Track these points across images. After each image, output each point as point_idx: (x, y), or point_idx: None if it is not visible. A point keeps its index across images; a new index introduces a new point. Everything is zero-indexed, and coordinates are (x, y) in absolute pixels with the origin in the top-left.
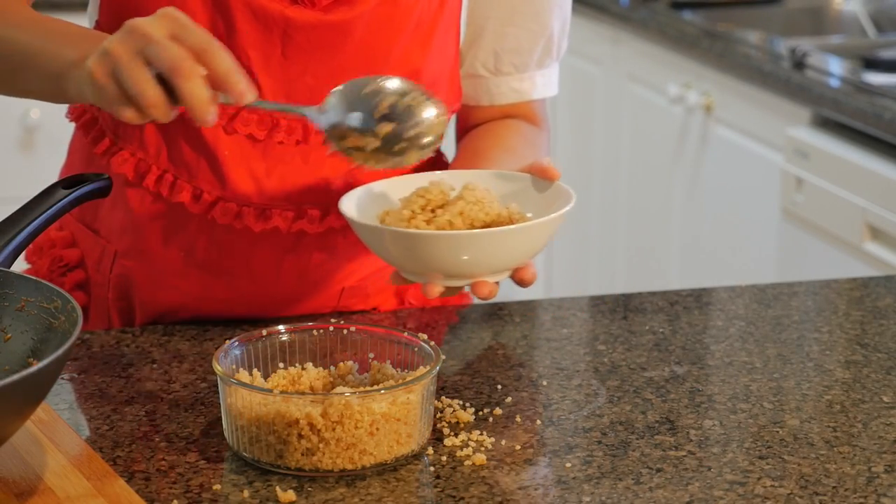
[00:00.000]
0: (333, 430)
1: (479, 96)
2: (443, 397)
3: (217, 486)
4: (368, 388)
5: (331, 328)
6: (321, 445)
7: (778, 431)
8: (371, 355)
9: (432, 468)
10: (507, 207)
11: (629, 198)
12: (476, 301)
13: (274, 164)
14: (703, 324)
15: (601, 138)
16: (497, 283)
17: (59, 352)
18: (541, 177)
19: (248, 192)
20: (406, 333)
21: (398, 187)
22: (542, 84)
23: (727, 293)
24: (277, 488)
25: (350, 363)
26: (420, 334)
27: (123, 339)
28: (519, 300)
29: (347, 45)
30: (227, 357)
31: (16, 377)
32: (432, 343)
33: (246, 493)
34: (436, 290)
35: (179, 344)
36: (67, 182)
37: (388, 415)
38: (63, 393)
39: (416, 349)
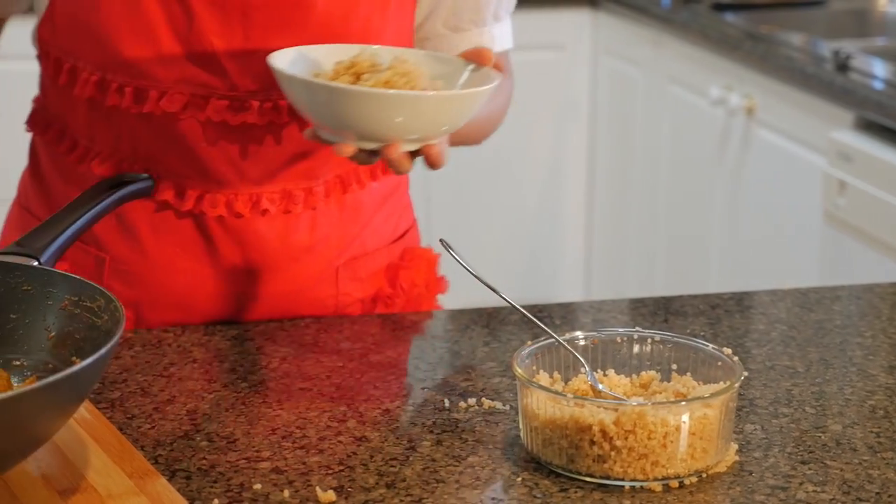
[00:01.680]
0: (626, 438)
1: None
2: (483, 399)
3: (257, 486)
4: (664, 400)
5: (635, 336)
6: (612, 453)
7: (820, 436)
8: (673, 366)
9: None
10: (434, 83)
11: (669, 200)
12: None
13: (250, 148)
14: (745, 327)
15: (642, 140)
16: (410, 156)
17: (103, 350)
18: (474, 60)
19: (231, 179)
20: (710, 347)
21: (331, 53)
22: (500, 36)
23: (769, 297)
24: (318, 488)
25: (653, 373)
26: (724, 349)
27: (165, 339)
28: (559, 302)
29: (308, 20)
30: (528, 359)
31: (59, 375)
32: (736, 358)
33: (286, 493)
34: (348, 149)
35: (220, 343)
36: (110, 182)
37: (683, 428)
38: (105, 391)
39: (718, 363)
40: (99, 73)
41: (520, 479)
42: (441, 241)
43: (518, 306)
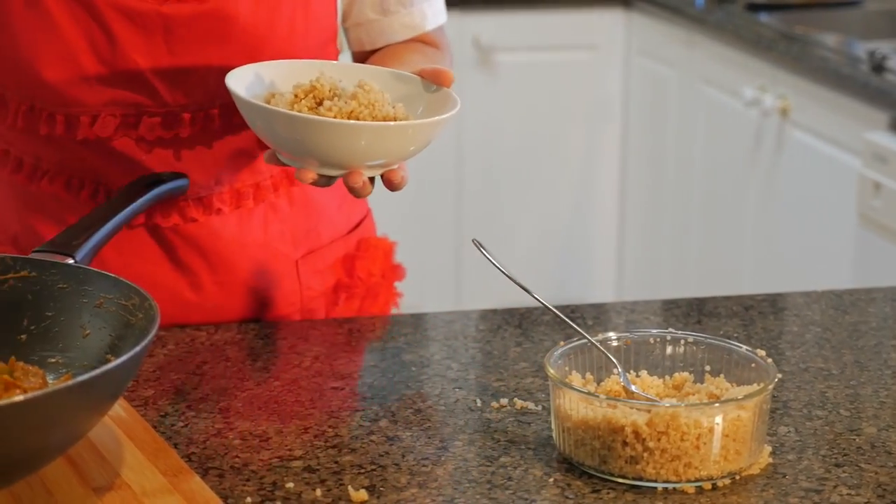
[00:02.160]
0: (658, 440)
1: (375, 39)
2: (515, 399)
3: (290, 485)
4: (698, 402)
5: (668, 337)
6: (645, 454)
7: (855, 439)
8: (707, 368)
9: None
10: (394, 107)
11: (702, 201)
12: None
13: (189, 156)
14: (779, 329)
15: (675, 141)
16: (370, 180)
17: (137, 348)
18: (433, 81)
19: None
20: (744, 348)
21: (287, 73)
22: (432, 14)
23: (803, 298)
24: (350, 487)
25: (686, 374)
26: (758, 350)
27: (198, 337)
28: (591, 303)
29: (232, 31)
30: (560, 359)
31: (94, 373)
32: (770, 360)
33: (318, 492)
34: (309, 175)
35: (253, 342)
36: (146, 180)
37: (716, 429)
38: (139, 389)
39: (752, 365)
40: (27, 102)
41: (552, 479)
42: (474, 241)
43: (551, 306)
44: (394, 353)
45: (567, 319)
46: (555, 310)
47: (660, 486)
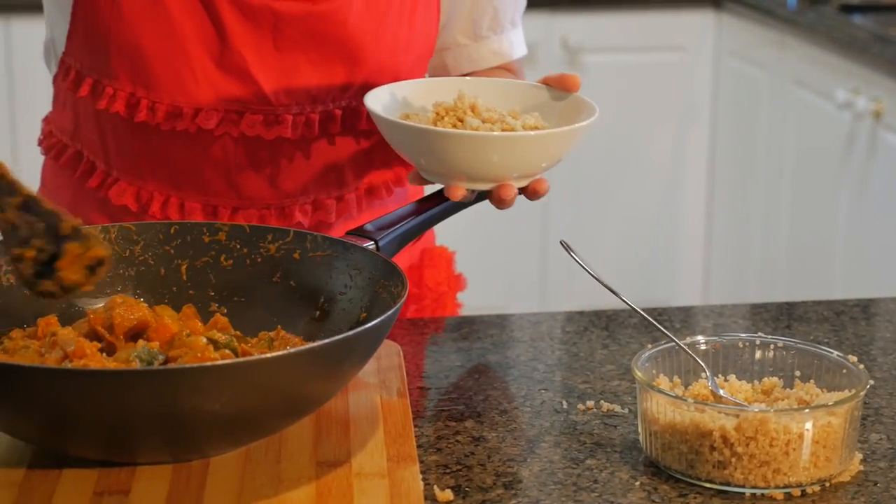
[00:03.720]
0: (747, 445)
1: (461, 64)
2: (601, 401)
3: None
4: (787, 407)
5: (757, 341)
6: (733, 460)
7: None
8: (797, 373)
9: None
10: (534, 116)
11: (792, 204)
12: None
13: (282, 162)
14: (870, 335)
15: (765, 144)
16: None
17: (389, 312)
18: (560, 87)
19: (264, 194)
20: (835, 354)
21: (423, 92)
22: (517, 43)
23: (895, 304)
24: (435, 487)
25: (775, 379)
26: (849, 356)
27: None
28: (679, 306)
29: (340, 34)
30: (647, 362)
31: (327, 341)
32: (861, 366)
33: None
34: (459, 192)
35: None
36: (438, 194)
37: (806, 436)
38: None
39: (843, 370)
40: (127, 90)
41: (638, 483)
42: (562, 242)
43: (638, 309)
44: (480, 353)
45: (655, 322)
46: (642, 312)
47: (748, 491)
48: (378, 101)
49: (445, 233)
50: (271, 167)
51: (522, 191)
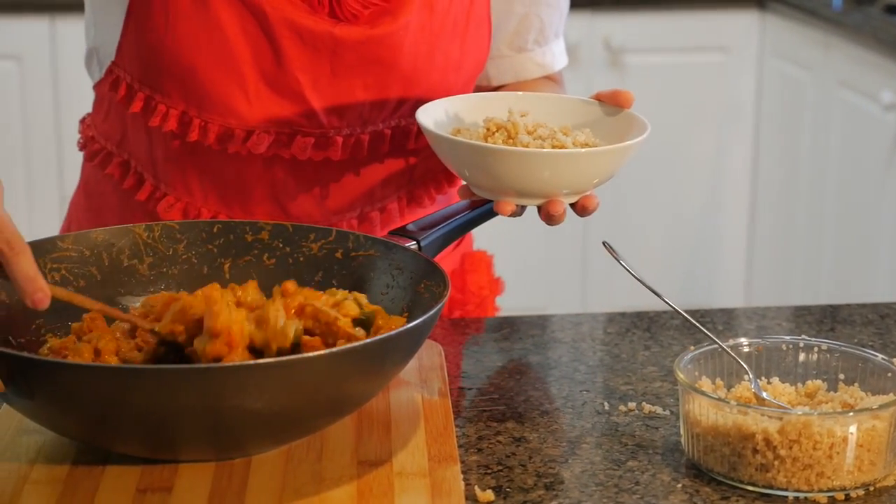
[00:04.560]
0: (790, 448)
1: (503, 75)
2: (643, 403)
3: None
4: (831, 410)
5: (801, 344)
6: (776, 463)
7: None
8: (841, 376)
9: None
10: (584, 132)
11: (836, 206)
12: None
13: (331, 183)
14: None
15: (809, 145)
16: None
17: (432, 311)
18: (612, 103)
19: (311, 212)
20: (880, 357)
21: (474, 107)
22: (560, 54)
23: None
24: (476, 487)
25: (819, 382)
26: (894, 360)
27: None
28: (721, 308)
29: (396, 58)
30: (690, 364)
31: (367, 341)
32: None
33: None
34: (509, 207)
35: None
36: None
37: (850, 439)
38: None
39: (888, 374)
40: (180, 108)
41: (680, 485)
42: (604, 243)
43: (681, 310)
44: (521, 354)
45: (697, 324)
46: (685, 314)
47: (791, 494)
48: (429, 116)
49: (485, 234)
50: (319, 187)
51: (572, 206)
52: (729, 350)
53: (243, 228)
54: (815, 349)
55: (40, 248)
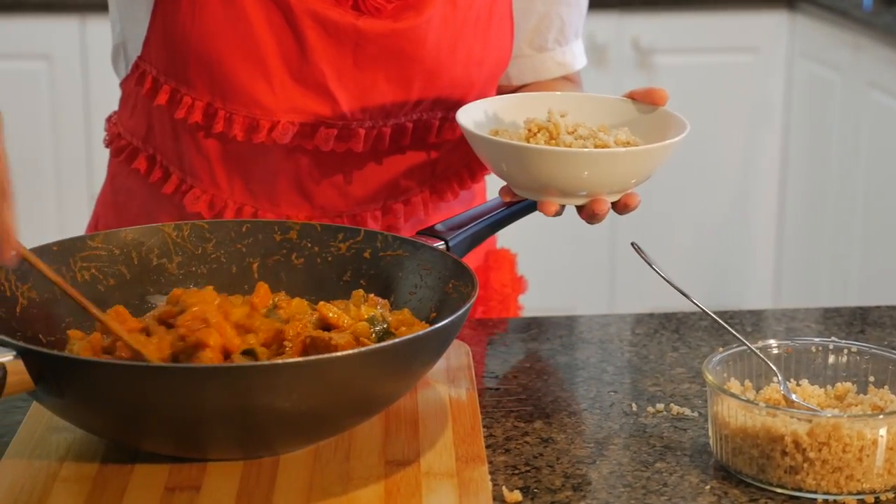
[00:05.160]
0: (819, 450)
1: (524, 75)
2: (671, 404)
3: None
4: (861, 413)
5: (831, 346)
6: (805, 465)
7: None
8: (871, 379)
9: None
10: (623, 131)
11: (866, 208)
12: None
13: (354, 173)
14: None
15: (838, 147)
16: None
17: (460, 311)
18: (646, 101)
19: (336, 203)
20: None
21: (513, 108)
22: (580, 54)
23: None
24: (504, 488)
25: (848, 384)
26: None
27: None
28: (750, 309)
29: (419, 52)
30: (718, 365)
31: (396, 341)
32: None
33: None
34: (552, 207)
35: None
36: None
37: (880, 442)
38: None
39: None
40: (205, 99)
41: (708, 487)
42: (633, 244)
43: (710, 312)
44: (548, 354)
45: (726, 325)
46: (714, 315)
47: (820, 497)
48: (469, 116)
49: (509, 233)
50: (343, 177)
51: (613, 205)
52: (758, 352)
53: (272, 228)
54: (845, 351)
55: (70, 247)
